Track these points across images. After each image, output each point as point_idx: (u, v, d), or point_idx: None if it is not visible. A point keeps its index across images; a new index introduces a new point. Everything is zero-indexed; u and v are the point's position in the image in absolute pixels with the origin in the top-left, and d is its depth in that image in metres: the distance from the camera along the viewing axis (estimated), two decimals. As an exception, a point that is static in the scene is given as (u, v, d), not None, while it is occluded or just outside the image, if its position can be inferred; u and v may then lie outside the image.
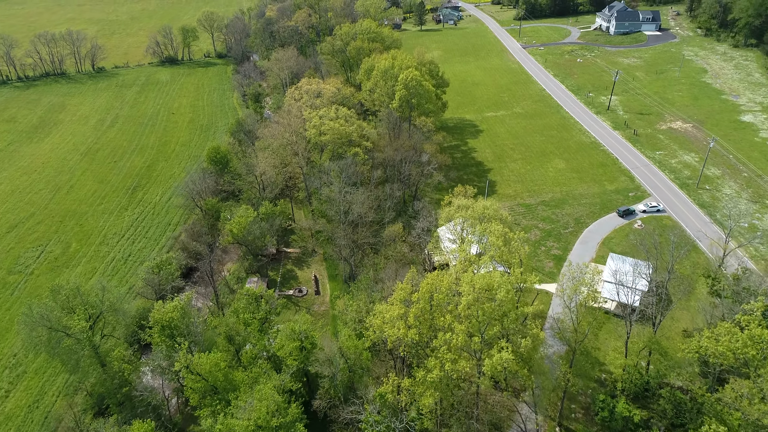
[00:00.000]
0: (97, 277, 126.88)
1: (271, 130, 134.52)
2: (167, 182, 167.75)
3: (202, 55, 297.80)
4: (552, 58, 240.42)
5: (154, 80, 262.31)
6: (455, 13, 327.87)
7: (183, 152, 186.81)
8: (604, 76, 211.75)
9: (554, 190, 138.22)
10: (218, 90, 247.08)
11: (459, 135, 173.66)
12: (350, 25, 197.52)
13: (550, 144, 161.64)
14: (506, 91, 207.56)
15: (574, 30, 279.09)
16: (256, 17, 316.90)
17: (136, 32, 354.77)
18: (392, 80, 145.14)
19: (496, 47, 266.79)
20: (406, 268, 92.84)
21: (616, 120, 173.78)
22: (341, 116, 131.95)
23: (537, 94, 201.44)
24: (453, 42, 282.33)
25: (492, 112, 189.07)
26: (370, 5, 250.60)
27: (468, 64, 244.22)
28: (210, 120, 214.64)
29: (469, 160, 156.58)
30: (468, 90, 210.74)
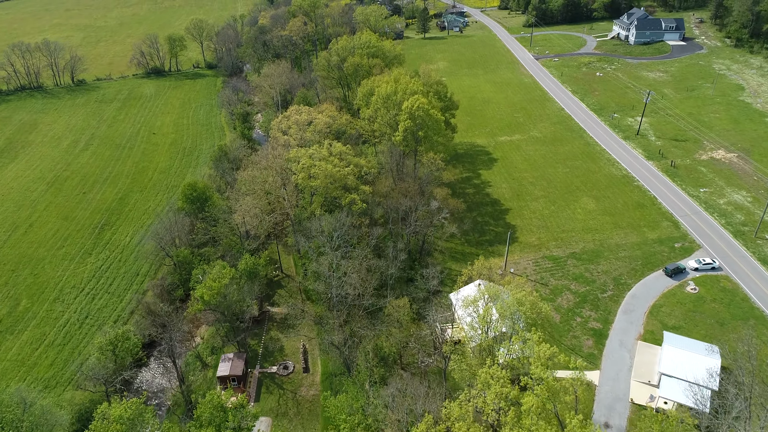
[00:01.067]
0: (43, 350, 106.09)
1: (252, 171, 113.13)
2: (140, 219, 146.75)
3: (190, 65, 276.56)
4: (568, 71, 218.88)
5: (137, 94, 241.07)
6: (460, 20, 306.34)
7: (161, 182, 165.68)
8: (628, 93, 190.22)
9: (585, 239, 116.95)
10: (206, 106, 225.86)
11: (470, 164, 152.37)
12: (348, 38, 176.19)
13: (576, 177, 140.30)
14: (521, 110, 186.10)
15: (590, 39, 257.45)
16: (249, 24, 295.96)
17: (123, 39, 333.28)
18: (395, 108, 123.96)
19: (506, 58, 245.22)
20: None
21: (648, 147, 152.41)
22: (335, 153, 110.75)
23: (555, 115, 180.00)
24: (459, 52, 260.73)
25: (506, 136, 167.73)
26: (370, 14, 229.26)
27: (476, 78, 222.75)
28: (194, 142, 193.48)
29: (483, 198, 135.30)
30: (478, 109, 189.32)
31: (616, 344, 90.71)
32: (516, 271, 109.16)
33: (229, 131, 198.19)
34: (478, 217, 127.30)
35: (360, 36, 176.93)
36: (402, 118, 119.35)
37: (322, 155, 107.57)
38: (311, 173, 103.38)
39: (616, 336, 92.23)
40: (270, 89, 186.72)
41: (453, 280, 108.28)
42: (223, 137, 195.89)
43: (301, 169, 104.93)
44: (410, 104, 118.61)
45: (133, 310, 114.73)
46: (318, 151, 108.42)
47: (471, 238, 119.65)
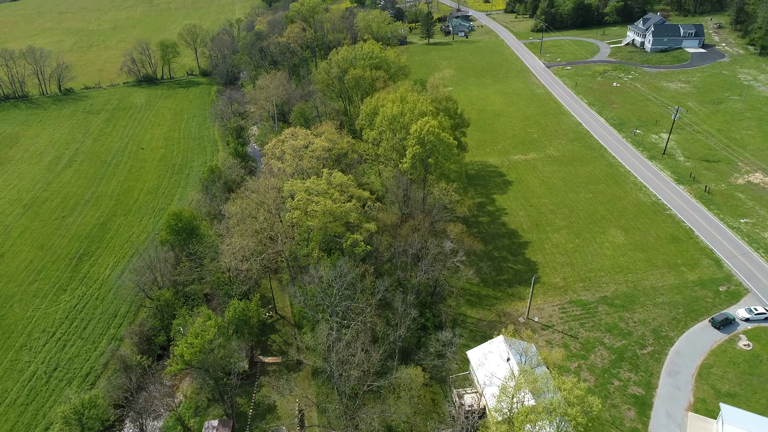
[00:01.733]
0: (3, 411, 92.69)
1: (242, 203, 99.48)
2: (121, 248, 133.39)
3: (184, 72, 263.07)
4: (583, 81, 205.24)
5: (127, 104, 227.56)
6: (466, 24, 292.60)
7: (147, 204, 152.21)
8: (649, 107, 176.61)
9: (617, 280, 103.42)
10: (198, 116, 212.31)
11: (483, 187, 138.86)
12: (348, 49, 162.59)
13: (600, 205, 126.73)
14: (534, 124, 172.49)
15: (603, 45, 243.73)
16: (245, 29, 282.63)
17: (116, 44, 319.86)
18: (402, 131, 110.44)
19: (515, 66, 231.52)
20: None
21: (678, 169, 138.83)
22: (335, 184, 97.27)
23: (572, 130, 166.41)
24: (466, 59, 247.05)
25: (520, 155, 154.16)
26: (372, 20, 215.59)
27: (485, 88, 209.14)
28: (185, 157, 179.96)
29: (499, 228, 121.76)
30: (489, 123, 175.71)
31: (662, 416, 77.33)
32: (541, 319, 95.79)
33: (222, 145, 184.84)
34: (495, 252, 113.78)
35: (362, 46, 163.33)
36: (410, 142, 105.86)
37: (321, 188, 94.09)
38: (308, 210, 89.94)
39: (662, 405, 78.81)
40: (266, 102, 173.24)
41: (470, 330, 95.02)
42: (215, 152, 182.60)
43: (298, 204, 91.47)
44: (419, 128, 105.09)
45: (108, 360, 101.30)
46: (316, 183, 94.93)
47: (487, 277, 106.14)
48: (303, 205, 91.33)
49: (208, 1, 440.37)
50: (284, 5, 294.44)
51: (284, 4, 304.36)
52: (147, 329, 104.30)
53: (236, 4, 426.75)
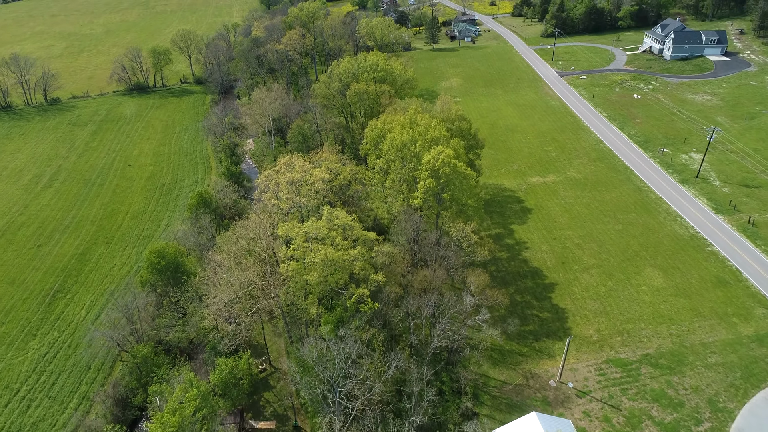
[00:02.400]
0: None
1: (229, 249, 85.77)
2: (101, 284, 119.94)
3: (178, 80, 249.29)
4: (600, 92, 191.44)
5: (116, 115, 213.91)
6: (472, 29, 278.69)
7: (131, 230, 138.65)
8: (675, 122, 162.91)
9: (659, 333, 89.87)
10: (191, 129, 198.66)
11: (499, 215, 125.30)
12: (350, 60, 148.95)
13: (632, 238, 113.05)
14: (551, 141, 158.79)
15: (618, 52, 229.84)
16: (242, 34, 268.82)
17: (108, 49, 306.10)
18: (413, 160, 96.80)
19: (526, 75, 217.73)
20: None
21: (715, 196, 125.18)
22: (337, 226, 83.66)
23: (593, 148, 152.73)
24: (473, 66, 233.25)
25: (538, 176, 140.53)
26: (375, 26, 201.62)
27: (495, 99, 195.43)
28: (175, 176, 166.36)
29: (520, 266, 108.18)
30: (502, 140, 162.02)
31: None
32: (575, 383, 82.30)
33: (215, 162, 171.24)
34: (517, 296, 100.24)
35: (365, 57, 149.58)
36: (422, 174, 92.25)
37: (321, 232, 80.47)
38: (307, 263, 76.35)
39: (730, 504, 65.46)
40: (262, 117, 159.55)
41: (492, 395, 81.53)
42: (208, 170, 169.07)
43: (294, 252, 77.85)
44: (432, 158, 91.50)
45: (76, 429, 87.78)
46: (315, 226, 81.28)
47: (510, 327, 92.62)
48: (300, 254, 77.74)
49: (206, 4, 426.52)
50: (283, 9, 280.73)
51: (283, 8, 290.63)
52: (122, 389, 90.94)
53: (234, 6, 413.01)
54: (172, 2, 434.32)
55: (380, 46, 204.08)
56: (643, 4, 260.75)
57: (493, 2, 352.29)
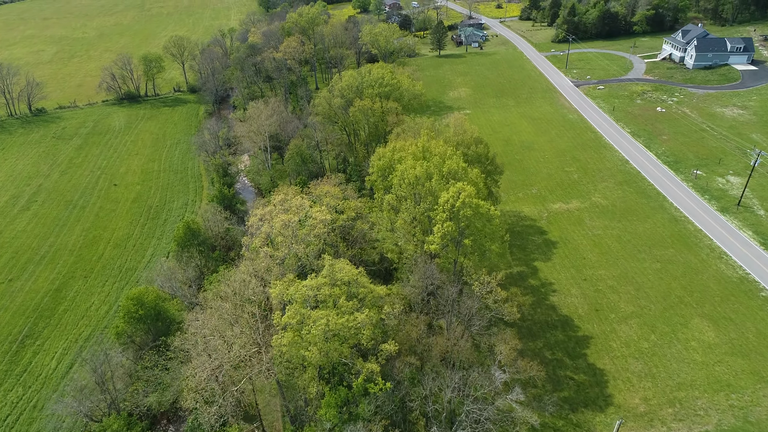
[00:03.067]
0: None
1: (211, 314, 72.08)
2: (75, 327, 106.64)
3: (171, 88, 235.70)
4: (620, 104, 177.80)
5: (104, 127, 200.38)
6: (479, 33, 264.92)
7: (113, 261, 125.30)
8: (706, 139, 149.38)
9: (717, 404, 76.39)
10: (183, 143, 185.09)
11: (520, 249, 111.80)
12: (353, 74, 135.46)
13: (673, 280, 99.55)
14: (572, 161, 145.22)
15: (636, 60, 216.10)
16: (239, 39, 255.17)
17: (100, 54, 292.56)
18: (428, 198, 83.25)
19: (539, 84, 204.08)
20: None
21: (761, 228, 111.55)
22: (340, 282, 70.16)
23: (618, 170, 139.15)
24: (482, 74, 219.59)
25: (561, 202, 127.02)
26: (379, 34, 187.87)
27: (508, 111, 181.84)
28: (163, 197, 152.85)
29: (548, 314, 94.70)
30: (518, 159, 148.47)
31: None
32: (623, 472, 68.93)
33: (207, 182, 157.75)
34: (546, 352, 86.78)
35: (369, 70, 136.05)
36: (439, 216, 78.79)
37: (322, 293, 67.02)
38: (304, 335, 62.88)
39: None
40: (257, 135, 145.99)
41: (525, 487, 68.06)
42: (199, 190, 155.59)
43: (288, 321, 64.37)
44: (452, 198, 78.06)
45: None
46: (315, 284, 67.79)
47: (540, 391, 79.30)
48: (297, 322, 64.31)
49: (202, 6, 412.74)
50: (281, 14, 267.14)
51: (282, 13, 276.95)
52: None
53: (232, 8, 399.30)
54: (168, 5, 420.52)
55: (384, 55, 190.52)
56: (660, 8, 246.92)
57: (499, 5, 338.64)
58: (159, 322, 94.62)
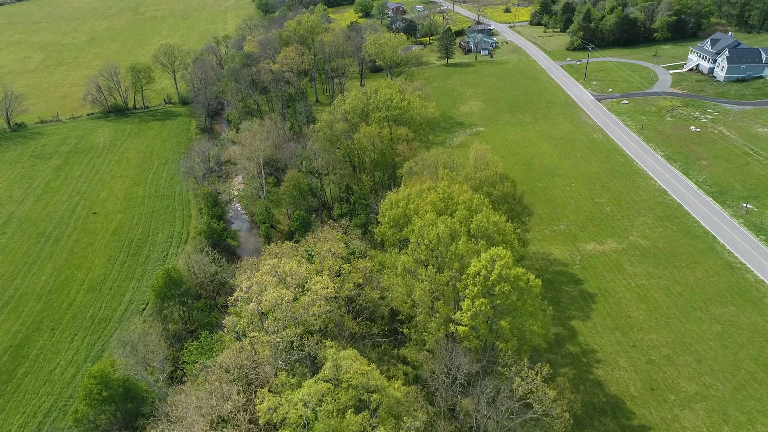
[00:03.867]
0: None
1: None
2: (36, 396, 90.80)
3: (161, 99, 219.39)
4: (648, 122, 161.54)
5: (87, 144, 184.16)
6: (489, 40, 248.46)
7: (85, 309, 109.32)
8: (751, 165, 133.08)
9: None
10: (171, 163, 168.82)
11: (553, 304, 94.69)
12: (358, 95, 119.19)
13: (740, 349, 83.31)
14: (603, 190, 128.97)
15: (660, 71, 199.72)
16: (234, 46, 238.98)
17: (89, 62, 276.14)
18: (454, 264, 67.08)
19: (557, 97, 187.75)
20: None
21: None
22: (347, 384, 54.13)
23: (656, 202, 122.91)
24: (495, 86, 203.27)
25: (594, 242, 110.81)
26: (384, 44, 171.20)
27: (525, 129, 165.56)
28: (147, 228, 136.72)
29: (593, 393, 78.49)
30: (541, 187, 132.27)
31: None
32: None
33: (195, 211, 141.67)
34: (596, 448, 70.78)
35: (376, 90, 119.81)
36: (469, 290, 62.75)
37: (325, 408, 50.97)
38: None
39: None
40: (250, 161, 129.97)
41: None
42: (186, 219, 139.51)
43: None
44: (484, 268, 61.98)
45: None
46: (314, 393, 51.72)
47: None
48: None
49: (199, 9, 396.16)
50: (279, 20, 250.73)
51: (280, 18, 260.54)
52: None
53: (229, 12, 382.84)
54: (163, 8, 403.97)
55: (390, 66, 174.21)
56: (682, 14, 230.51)
57: (507, 9, 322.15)
58: (128, 403, 78.88)
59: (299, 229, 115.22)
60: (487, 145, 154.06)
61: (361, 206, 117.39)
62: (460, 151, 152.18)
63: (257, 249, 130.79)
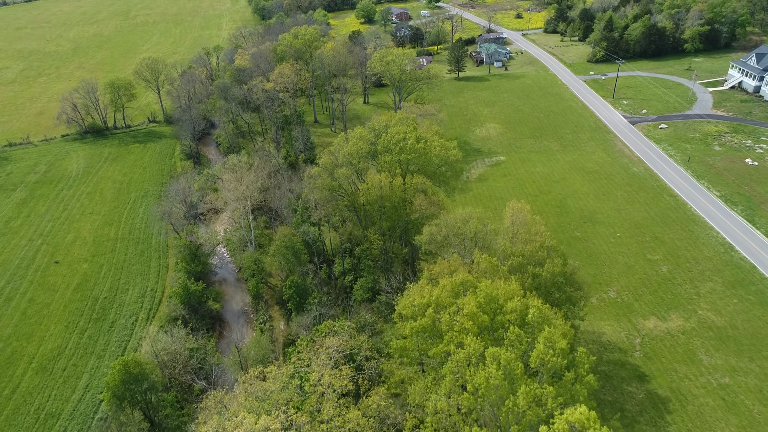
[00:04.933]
0: None
1: None
2: None
3: (145, 117, 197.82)
4: (695, 151, 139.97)
5: (58, 172, 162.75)
6: (503, 51, 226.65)
7: (31, 397, 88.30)
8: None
9: None
10: (150, 196, 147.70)
11: (612, 409, 74.18)
12: (364, 132, 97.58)
13: None
14: (655, 243, 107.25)
15: (697, 88, 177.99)
16: (227, 58, 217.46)
17: (72, 72, 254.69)
18: (506, 413, 45.67)
19: (585, 120, 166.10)
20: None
21: None
22: None
23: (722, 260, 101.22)
24: (512, 104, 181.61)
25: (656, 318, 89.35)
26: (392, 62, 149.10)
27: (552, 159, 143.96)
28: (116, 282, 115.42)
29: None
30: (579, 237, 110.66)
31: None
32: None
33: (173, 261, 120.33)
34: None
35: (386, 126, 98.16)
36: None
37: None
38: None
39: None
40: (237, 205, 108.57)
41: None
42: (164, 271, 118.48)
43: None
44: None
45: None
46: None
47: None
48: None
49: (193, 14, 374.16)
50: (276, 29, 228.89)
51: (276, 26, 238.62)
52: None
53: (224, 17, 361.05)
54: (155, 12, 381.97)
55: (398, 87, 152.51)
56: (715, 23, 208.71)
57: (519, 15, 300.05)
58: None
59: (293, 299, 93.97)
60: (511, 180, 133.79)
61: (368, 269, 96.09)
62: (480, 188, 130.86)
63: (244, 311, 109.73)
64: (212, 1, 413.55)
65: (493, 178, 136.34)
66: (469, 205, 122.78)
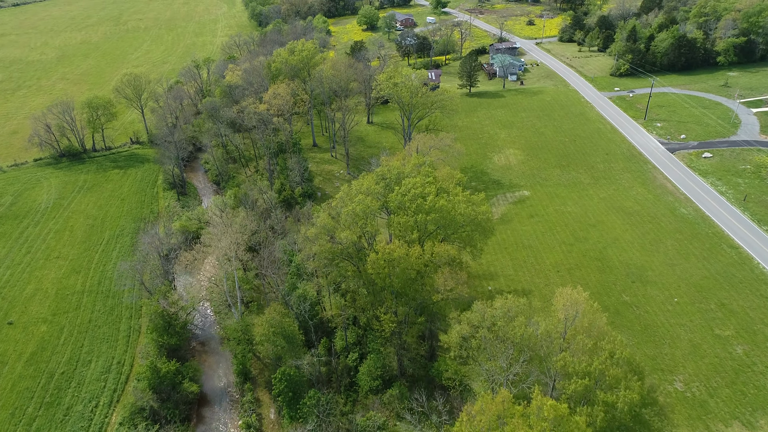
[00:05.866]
0: None
1: None
2: None
3: (127, 138, 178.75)
4: (749, 187, 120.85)
5: (25, 205, 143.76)
6: (518, 63, 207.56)
7: None
8: None
9: None
10: (127, 234, 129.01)
11: None
12: (370, 183, 78.59)
13: None
14: (724, 314, 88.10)
15: (740, 109, 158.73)
16: (217, 71, 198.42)
17: (54, 84, 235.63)
18: None
19: (617, 146, 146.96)
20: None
21: None
22: None
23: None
24: (532, 126, 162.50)
25: (739, 425, 70.36)
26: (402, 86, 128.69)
27: (585, 196, 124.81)
28: (76, 353, 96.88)
29: None
30: (629, 302, 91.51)
31: None
32: None
33: (145, 319, 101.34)
34: None
35: (399, 176, 79.11)
36: None
37: None
38: None
39: None
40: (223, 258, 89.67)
41: None
42: (135, 336, 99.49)
43: None
44: None
45: None
46: None
47: None
48: None
49: (186, 19, 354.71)
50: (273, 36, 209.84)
51: (273, 35, 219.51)
52: None
53: (219, 22, 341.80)
54: (147, 17, 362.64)
55: (408, 112, 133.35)
56: (751, 34, 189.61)
57: (531, 21, 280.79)
58: None
59: (284, 395, 75.08)
60: (539, 222, 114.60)
61: (376, 357, 77.20)
62: (505, 232, 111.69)
63: (228, 391, 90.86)
64: (207, 5, 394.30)
65: (519, 219, 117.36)
66: (490, 253, 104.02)
